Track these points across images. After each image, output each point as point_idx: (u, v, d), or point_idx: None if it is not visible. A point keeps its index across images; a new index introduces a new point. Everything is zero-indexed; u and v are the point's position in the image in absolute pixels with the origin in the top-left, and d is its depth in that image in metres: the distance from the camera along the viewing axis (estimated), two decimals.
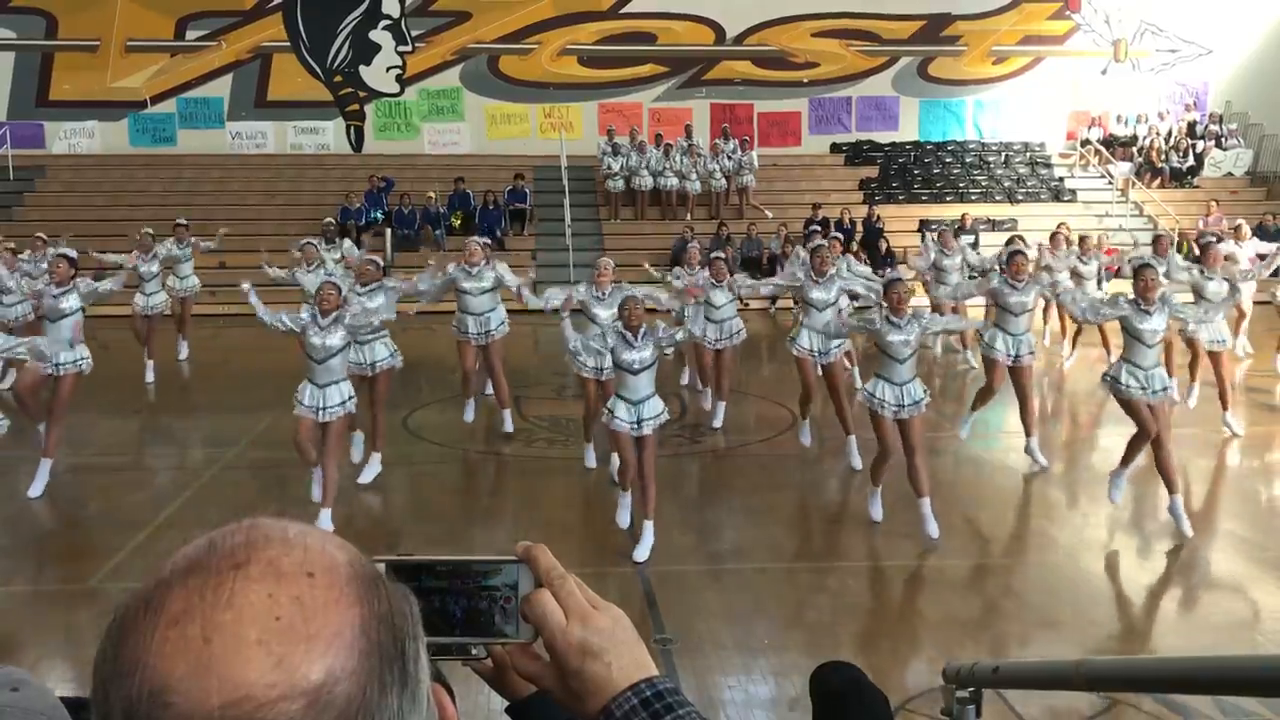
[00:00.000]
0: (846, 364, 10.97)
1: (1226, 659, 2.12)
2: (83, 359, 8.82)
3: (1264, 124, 23.10)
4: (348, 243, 14.73)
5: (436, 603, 0.92)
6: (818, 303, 9.37)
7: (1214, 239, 10.77)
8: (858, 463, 9.12)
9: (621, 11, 23.47)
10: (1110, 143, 23.58)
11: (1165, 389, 7.69)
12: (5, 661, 1.12)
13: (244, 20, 23.02)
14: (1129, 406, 7.67)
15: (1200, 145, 23.29)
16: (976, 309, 13.93)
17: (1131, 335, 7.64)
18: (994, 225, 20.40)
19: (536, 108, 23.62)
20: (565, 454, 10.07)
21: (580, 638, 0.92)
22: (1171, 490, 7.51)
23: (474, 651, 0.99)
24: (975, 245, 16.95)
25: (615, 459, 7.96)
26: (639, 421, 7.13)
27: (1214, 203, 20.87)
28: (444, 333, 14.67)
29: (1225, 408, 10.22)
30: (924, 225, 20.94)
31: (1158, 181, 22.66)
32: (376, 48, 23.16)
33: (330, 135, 23.43)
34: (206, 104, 23.19)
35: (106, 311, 13.12)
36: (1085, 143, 23.71)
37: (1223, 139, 23.54)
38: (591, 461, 9.37)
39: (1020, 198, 22.23)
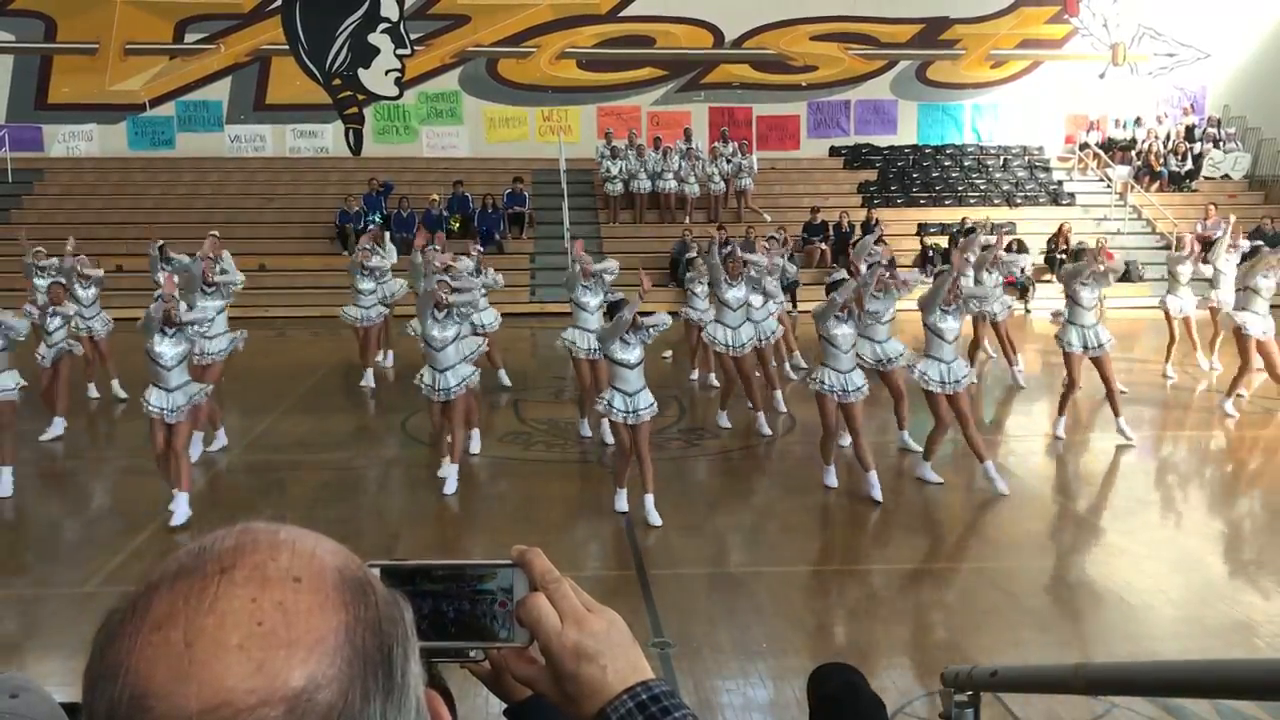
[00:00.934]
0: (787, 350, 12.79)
1: (1224, 663, 2.12)
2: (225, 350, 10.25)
3: (1262, 128, 23.12)
4: (389, 245, 14.91)
5: (432, 607, 0.92)
6: (731, 302, 10.58)
7: (1093, 245, 11.19)
8: (766, 430, 10.60)
9: (620, 15, 23.49)
10: (1108, 146, 23.61)
11: (962, 379, 8.68)
12: (5, 666, 1.12)
13: (243, 23, 23.02)
14: (929, 398, 8.71)
15: (1198, 148, 23.31)
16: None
17: (933, 333, 8.72)
18: (992, 229, 20.36)
19: (535, 111, 23.63)
20: (563, 457, 10.08)
21: (575, 641, 0.92)
22: (981, 459, 8.66)
23: (471, 654, 0.99)
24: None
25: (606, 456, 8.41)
26: (634, 411, 8.03)
27: (1212, 206, 20.86)
28: None
29: (1116, 414, 10.06)
30: (922, 229, 20.97)
31: (1156, 185, 22.67)
32: (375, 51, 23.16)
33: (329, 138, 23.43)
34: (205, 107, 23.19)
35: (129, 314, 13.02)
36: (1084, 146, 23.73)
37: (1220, 142, 23.56)
38: (587, 431, 10.36)
39: (1019, 201, 22.25)
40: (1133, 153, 23.38)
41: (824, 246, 19.99)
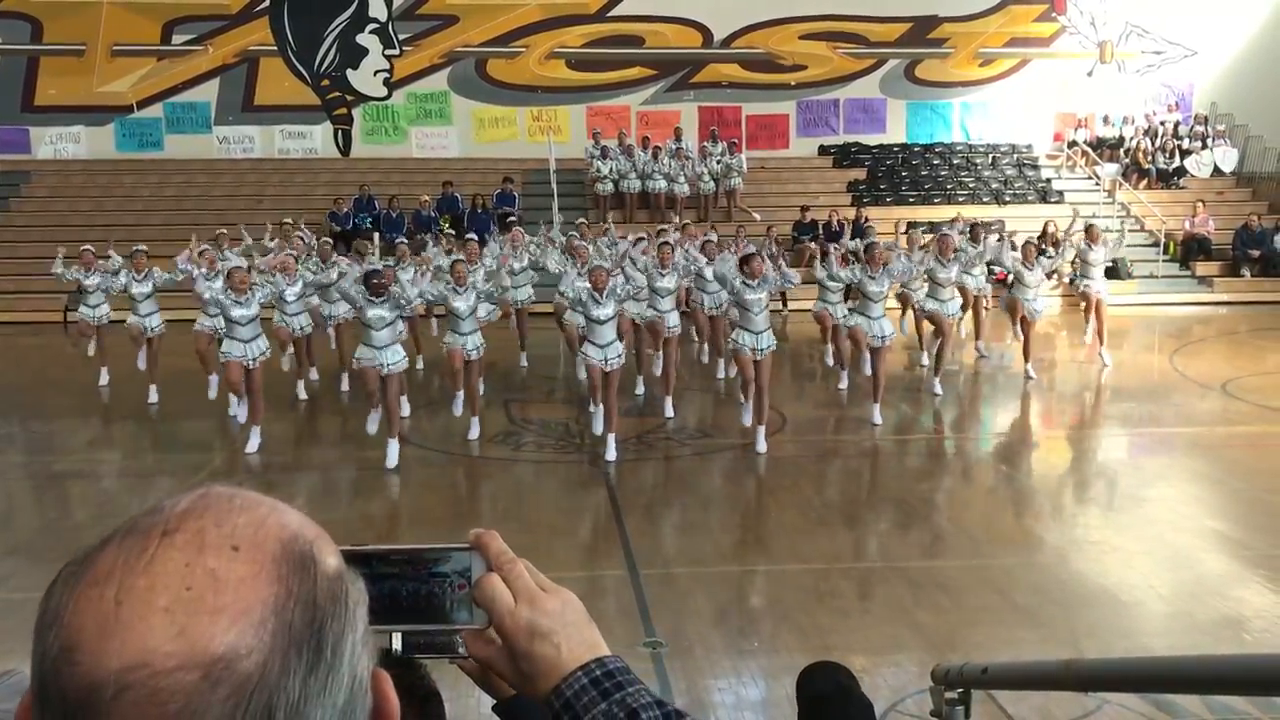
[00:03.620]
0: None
1: (1215, 658, 2.13)
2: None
3: (1249, 125, 23.19)
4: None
5: (389, 590, 0.92)
6: (661, 290, 11.66)
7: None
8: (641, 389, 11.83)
9: (609, 14, 23.48)
10: (1097, 144, 23.66)
11: (768, 347, 9.64)
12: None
13: (231, 24, 22.96)
14: (739, 359, 9.75)
15: (1185, 144, 23.37)
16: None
17: (742, 306, 9.66)
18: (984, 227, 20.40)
19: (524, 111, 23.61)
20: (554, 457, 10.08)
21: (528, 619, 0.92)
22: (760, 422, 9.68)
23: (460, 650, 0.99)
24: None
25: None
26: (605, 360, 9.42)
27: (1200, 203, 20.97)
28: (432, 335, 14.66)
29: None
30: (910, 227, 20.98)
31: (1144, 182, 22.73)
32: (364, 51, 23.12)
33: (318, 139, 23.38)
34: (193, 108, 23.13)
35: (175, 315, 12.91)
36: (1072, 144, 23.79)
37: (1208, 140, 23.63)
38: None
39: (1008, 199, 22.29)
40: (1121, 150, 23.44)
41: (814, 245, 20.01)
